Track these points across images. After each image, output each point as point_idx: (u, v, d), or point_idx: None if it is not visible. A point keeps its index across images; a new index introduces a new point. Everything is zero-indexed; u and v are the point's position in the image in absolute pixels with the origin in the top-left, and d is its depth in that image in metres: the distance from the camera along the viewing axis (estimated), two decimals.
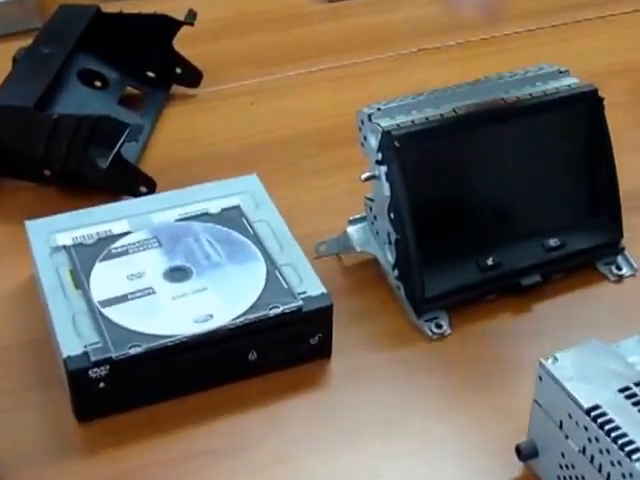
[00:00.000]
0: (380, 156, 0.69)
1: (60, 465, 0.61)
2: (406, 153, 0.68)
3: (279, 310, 0.64)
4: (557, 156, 0.74)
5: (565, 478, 0.57)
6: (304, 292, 0.66)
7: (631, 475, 0.52)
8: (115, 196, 0.78)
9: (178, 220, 0.71)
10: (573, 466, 0.57)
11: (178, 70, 0.92)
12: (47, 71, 0.82)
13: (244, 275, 0.67)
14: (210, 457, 0.61)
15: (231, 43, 1.02)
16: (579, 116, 0.74)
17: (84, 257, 0.68)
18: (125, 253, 0.69)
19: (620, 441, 0.53)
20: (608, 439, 0.53)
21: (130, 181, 0.79)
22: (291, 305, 0.64)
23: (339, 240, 0.74)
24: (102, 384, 0.61)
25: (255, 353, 0.65)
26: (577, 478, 0.56)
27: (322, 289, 0.66)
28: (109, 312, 0.64)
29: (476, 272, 0.71)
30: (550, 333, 0.70)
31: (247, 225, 0.71)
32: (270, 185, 0.76)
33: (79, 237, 0.70)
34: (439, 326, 0.69)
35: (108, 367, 0.61)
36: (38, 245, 0.69)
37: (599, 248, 0.75)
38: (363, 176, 0.70)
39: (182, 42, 0.92)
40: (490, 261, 0.71)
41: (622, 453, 0.53)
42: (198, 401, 0.64)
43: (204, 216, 0.72)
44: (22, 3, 0.99)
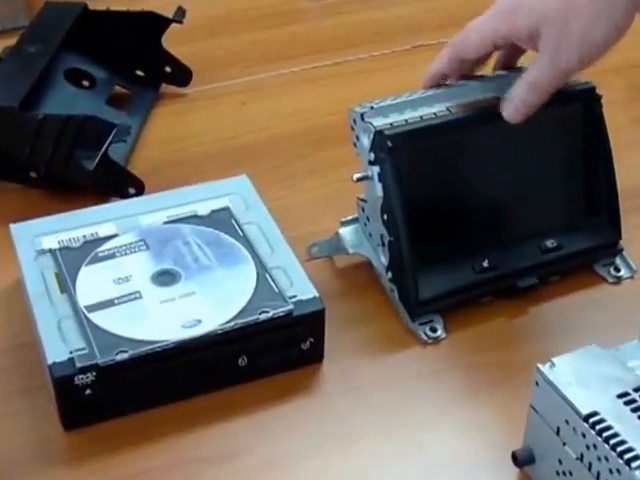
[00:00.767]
0: (373, 156, 0.67)
1: (46, 474, 0.60)
2: (399, 153, 0.67)
3: (269, 314, 0.63)
4: (554, 155, 0.73)
5: None
6: (295, 296, 0.64)
7: None
8: (103, 198, 0.77)
9: (166, 222, 0.70)
10: (571, 473, 0.56)
11: (167, 69, 0.91)
12: (32, 70, 0.80)
13: (234, 279, 0.66)
14: (198, 465, 0.60)
15: (221, 41, 1.01)
16: (576, 114, 0.72)
17: (70, 261, 0.67)
18: (112, 256, 0.67)
19: (619, 448, 0.52)
20: (607, 446, 0.53)
21: (118, 182, 0.77)
22: (282, 309, 0.63)
23: (331, 242, 0.73)
24: (88, 391, 0.60)
25: (245, 358, 0.63)
26: None
27: (314, 293, 0.65)
28: (95, 317, 0.63)
29: (471, 274, 0.70)
30: (547, 336, 0.69)
31: (237, 227, 0.69)
32: (261, 186, 0.75)
33: (65, 240, 0.68)
34: (434, 330, 0.68)
35: (94, 374, 0.60)
36: (23, 248, 0.68)
37: (597, 249, 0.73)
38: (355, 176, 0.69)
39: (171, 40, 0.91)
40: (486, 263, 0.70)
41: (621, 461, 0.52)
42: (187, 408, 0.63)
43: (193, 218, 0.70)
44: (9, 1, 0.98)
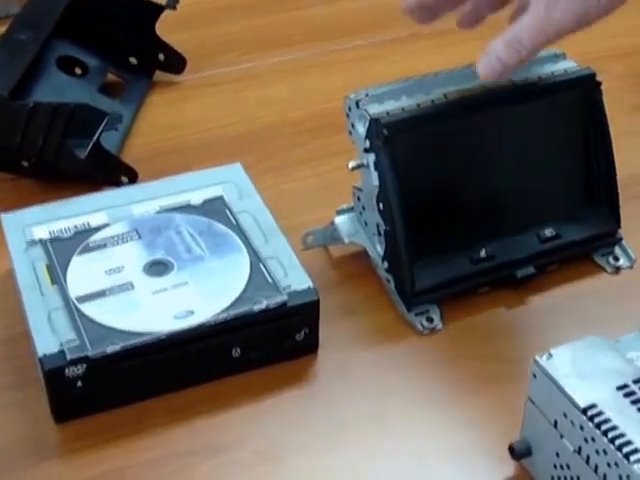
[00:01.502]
0: (368, 144, 0.66)
1: (37, 467, 0.59)
2: (395, 141, 0.66)
3: (263, 305, 0.62)
4: (553, 143, 0.72)
5: (560, 478, 0.56)
6: (289, 286, 0.64)
7: (629, 477, 0.51)
8: (95, 187, 0.76)
9: (159, 212, 0.69)
10: (568, 466, 0.55)
11: (161, 56, 0.90)
12: (23, 58, 0.79)
13: (227, 269, 0.65)
14: (191, 457, 0.60)
15: (216, 28, 1.00)
16: (576, 101, 0.71)
17: (61, 251, 0.66)
18: (103, 246, 0.66)
19: (617, 442, 0.51)
20: (605, 439, 0.52)
21: (110, 171, 0.77)
22: (276, 300, 0.62)
23: (326, 231, 0.72)
24: (79, 383, 0.59)
25: (239, 349, 0.63)
26: (572, 478, 0.55)
27: (308, 283, 0.64)
28: (86, 308, 0.62)
29: (468, 264, 0.69)
30: (545, 327, 0.68)
31: (230, 216, 0.69)
32: (255, 175, 0.74)
33: (56, 230, 0.68)
34: (430, 320, 0.67)
35: (85, 366, 0.59)
36: (14, 239, 0.67)
37: (596, 238, 0.73)
38: (350, 164, 0.68)
39: (165, 27, 0.90)
40: (483, 253, 0.69)
41: (619, 454, 0.51)
42: (179, 400, 0.63)
43: (186, 207, 0.70)
44: None
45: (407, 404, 0.63)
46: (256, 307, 0.62)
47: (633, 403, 0.53)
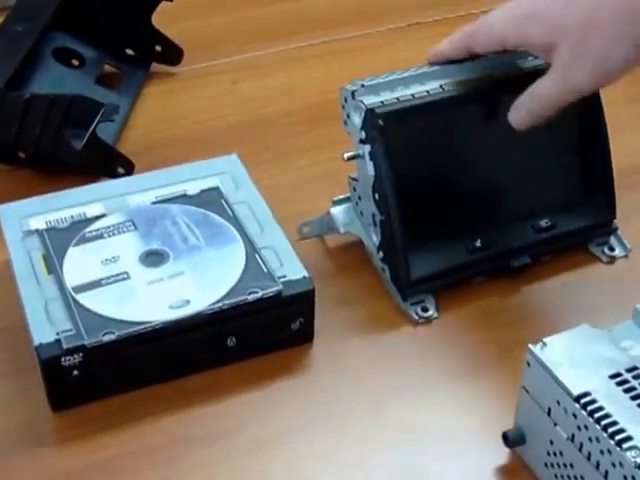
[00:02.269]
0: (364, 135, 0.66)
1: (34, 455, 0.60)
2: (391, 131, 0.66)
3: (258, 295, 0.62)
4: (549, 134, 0.72)
5: (553, 465, 0.56)
6: (285, 276, 0.64)
7: (621, 464, 0.51)
8: (91, 178, 0.76)
9: (155, 202, 0.70)
10: (561, 453, 0.56)
11: (158, 48, 0.90)
12: (19, 50, 0.79)
13: (223, 259, 0.65)
14: (186, 445, 0.60)
15: (213, 19, 1.00)
16: None
17: (57, 241, 0.66)
18: (100, 237, 0.67)
19: (610, 429, 0.52)
20: (598, 427, 0.52)
21: (106, 162, 0.77)
22: (271, 289, 0.62)
23: (322, 221, 0.72)
24: (76, 372, 0.60)
25: (234, 339, 0.63)
26: (565, 466, 0.55)
27: (304, 273, 0.64)
28: (82, 298, 0.62)
29: (464, 254, 0.69)
30: (540, 316, 0.68)
31: (226, 207, 0.69)
32: (252, 165, 0.74)
33: (52, 221, 0.68)
34: (425, 309, 0.68)
35: (81, 355, 0.59)
36: (10, 229, 0.68)
37: (591, 229, 0.73)
38: (346, 155, 0.68)
39: (161, 19, 0.90)
40: (478, 243, 0.69)
41: (612, 442, 0.52)
42: (175, 388, 0.63)
43: (182, 198, 0.70)
44: None
45: (402, 391, 0.63)
46: (251, 297, 0.62)
47: (626, 392, 0.54)
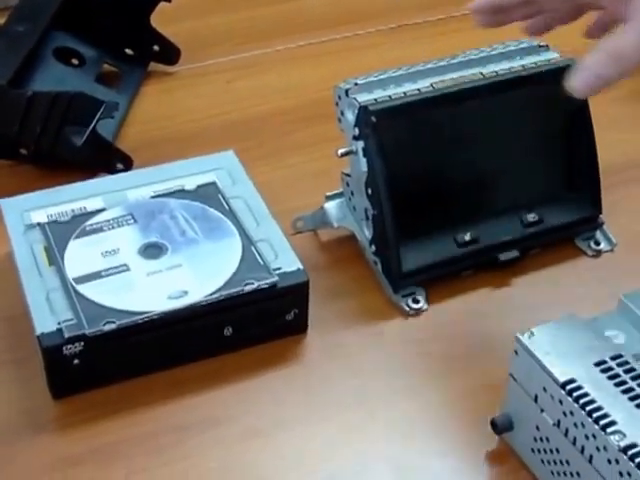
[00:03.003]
0: (357, 131, 0.68)
1: (35, 440, 0.61)
2: (383, 128, 0.67)
3: (254, 286, 0.64)
4: (536, 131, 0.74)
5: (540, 451, 0.58)
6: (280, 268, 0.65)
7: (605, 448, 0.52)
8: (91, 174, 0.77)
9: (153, 197, 0.71)
10: (548, 439, 0.57)
11: (156, 47, 0.92)
12: (21, 49, 0.81)
13: (219, 251, 0.67)
14: (184, 432, 0.62)
15: (209, 20, 1.01)
16: (559, 91, 0.73)
17: (59, 234, 0.68)
18: (100, 230, 0.68)
19: (595, 415, 0.53)
20: (583, 412, 0.54)
21: (106, 158, 0.78)
22: (266, 281, 0.64)
23: (316, 216, 0.74)
24: (76, 361, 0.61)
25: (230, 329, 0.64)
26: (551, 451, 0.57)
27: (298, 265, 0.66)
28: (83, 289, 0.64)
29: (454, 247, 0.71)
30: (527, 308, 0.70)
31: (223, 201, 0.70)
32: (247, 162, 0.75)
33: (54, 214, 0.69)
34: (416, 301, 0.69)
35: (82, 344, 0.61)
36: (13, 223, 0.69)
37: (578, 223, 0.75)
38: (340, 151, 0.69)
39: (160, 19, 0.91)
40: (468, 236, 0.71)
41: (596, 427, 0.53)
42: (173, 377, 0.64)
43: (180, 193, 0.71)
44: None
45: (393, 382, 0.65)
46: (247, 288, 0.64)
47: (610, 378, 0.55)
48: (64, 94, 0.76)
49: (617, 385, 0.55)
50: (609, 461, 0.52)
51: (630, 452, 0.51)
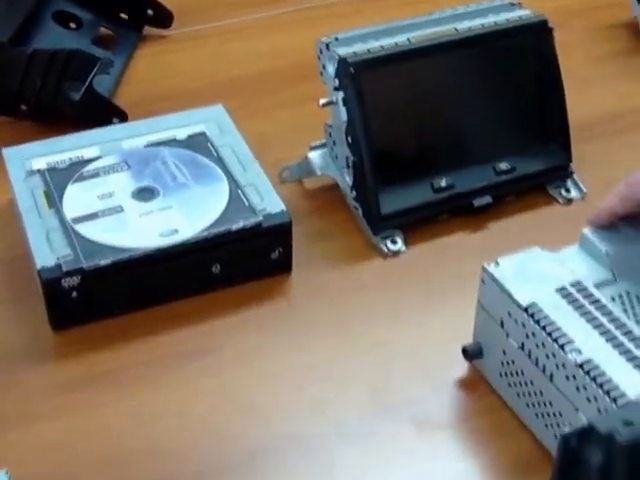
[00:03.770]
0: (337, 82, 0.72)
1: (34, 369, 0.65)
2: (361, 79, 0.71)
3: (240, 225, 0.67)
4: (508, 84, 0.77)
5: (507, 374, 0.61)
6: (264, 209, 0.69)
7: (564, 365, 0.56)
8: (89, 128, 0.80)
9: (147, 145, 0.75)
10: (513, 362, 0.60)
11: (150, 12, 0.95)
12: (21, 11, 0.84)
13: (208, 195, 0.70)
14: (176, 360, 0.65)
15: None
16: (529, 46, 0.77)
17: (57, 180, 0.71)
18: (96, 175, 0.72)
19: (554, 335, 0.57)
20: (544, 333, 0.57)
21: (102, 113, 0.82)
22: (252, 220, 0.68)
23: (301, 166, 0.78)
24: (74, 294, 0.65)
25: (218, 266, 0.68)
26: (517, 373, 0.60)
27: (282, 206, 0.70)
28: (80, 228, 0.67)
29: (430, 193, 0.74)
30: (500, 250, 0.70)
31: (212, 149, 0.74)
32: (236, 118, 0.79)
33: (53, 162, 0.73)
34: (394, 242, 0.73)
35: (79, 277, 0.64)
36: (14, 170, 0.73)
37: (548, 172, 0.78)
38: (321, 102, 0.73)
39: None
40: (444, 182, 0.74)
41: (556, 345, 0.56)
42: (166, 311, 0.68)
43: (172, 142, 0.75)
44: None
45: (371, 316, 0.68)
46: (234, 227, 0.67)
47: (570, 303, 0.58)
48: (62, 51, 0.80)
49: (576, 309, 0.58)
50: (567, 377, 0.56)
51: (586, 367, 0.55)
